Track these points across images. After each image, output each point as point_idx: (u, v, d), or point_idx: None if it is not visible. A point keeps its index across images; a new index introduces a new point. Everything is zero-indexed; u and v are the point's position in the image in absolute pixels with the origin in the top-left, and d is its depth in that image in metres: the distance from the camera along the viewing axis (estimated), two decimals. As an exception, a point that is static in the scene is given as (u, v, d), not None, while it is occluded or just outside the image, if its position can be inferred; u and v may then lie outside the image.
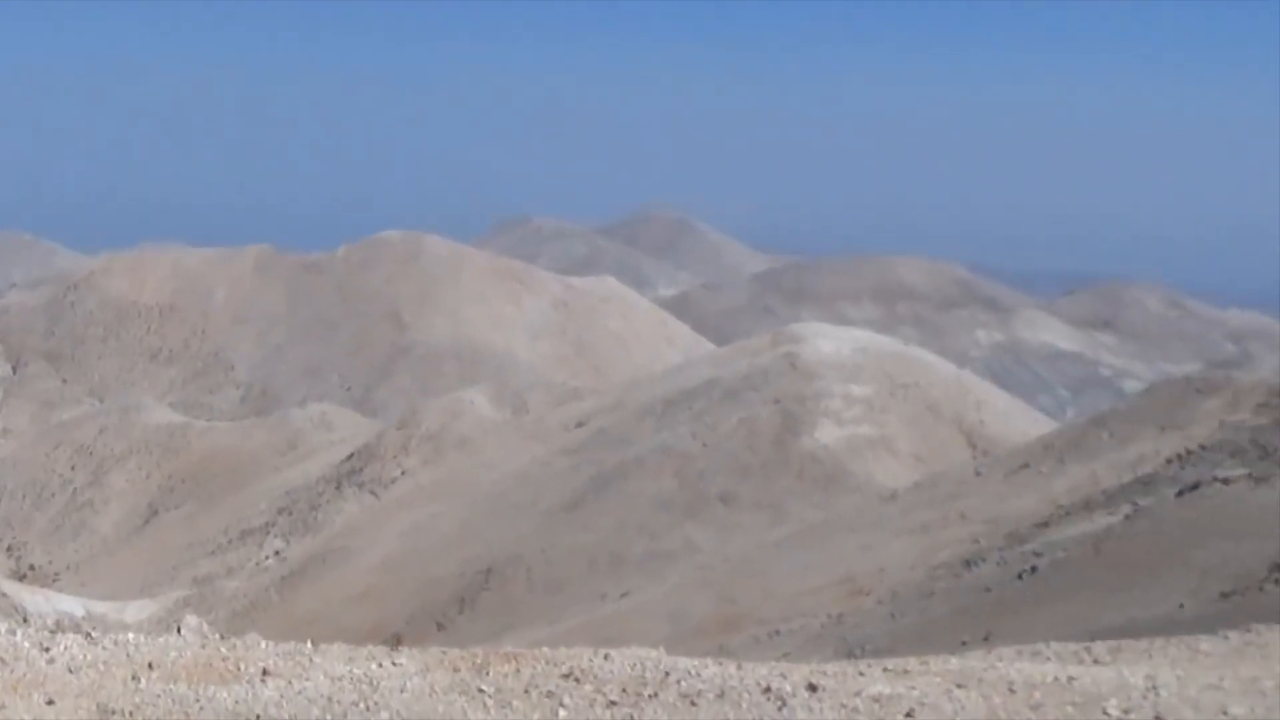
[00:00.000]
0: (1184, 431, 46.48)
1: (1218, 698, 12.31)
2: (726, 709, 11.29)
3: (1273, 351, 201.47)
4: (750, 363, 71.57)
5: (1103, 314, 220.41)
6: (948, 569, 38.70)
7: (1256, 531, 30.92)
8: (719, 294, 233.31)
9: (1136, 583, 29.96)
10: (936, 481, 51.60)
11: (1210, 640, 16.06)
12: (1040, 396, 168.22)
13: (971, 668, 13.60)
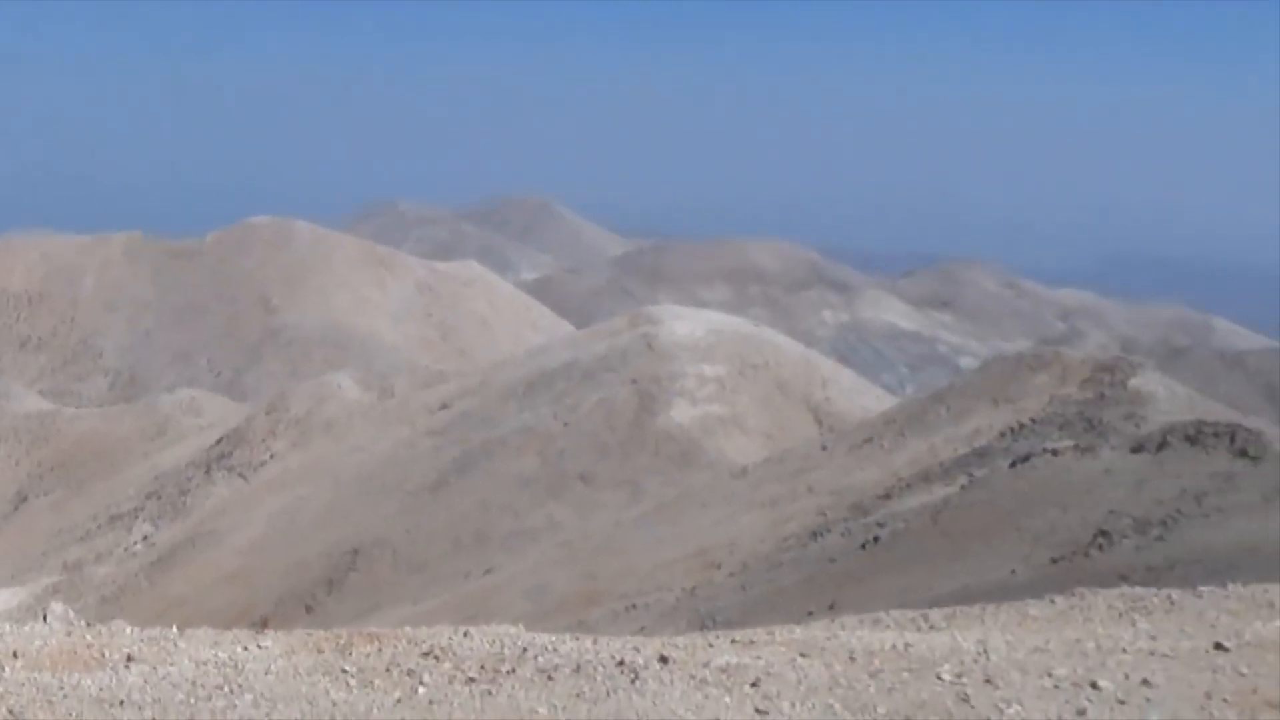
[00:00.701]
0: (1016, 405, 47.31)
1: (1043, 659, 12.61)
2: (581, 683, 11.40)
3: (1099, 329, 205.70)
4: (609, 344, 71.70)
5: (941, 294, 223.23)
6: (795, 541, 39.13)
7: (1082, 500, 31.65)
8: (579, 277, 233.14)
9: (971, 551, 30.54)
10: (785, 457, 52.10)
11: (1038, 605, 16.41)
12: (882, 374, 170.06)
13: (815, 637, 13.80)
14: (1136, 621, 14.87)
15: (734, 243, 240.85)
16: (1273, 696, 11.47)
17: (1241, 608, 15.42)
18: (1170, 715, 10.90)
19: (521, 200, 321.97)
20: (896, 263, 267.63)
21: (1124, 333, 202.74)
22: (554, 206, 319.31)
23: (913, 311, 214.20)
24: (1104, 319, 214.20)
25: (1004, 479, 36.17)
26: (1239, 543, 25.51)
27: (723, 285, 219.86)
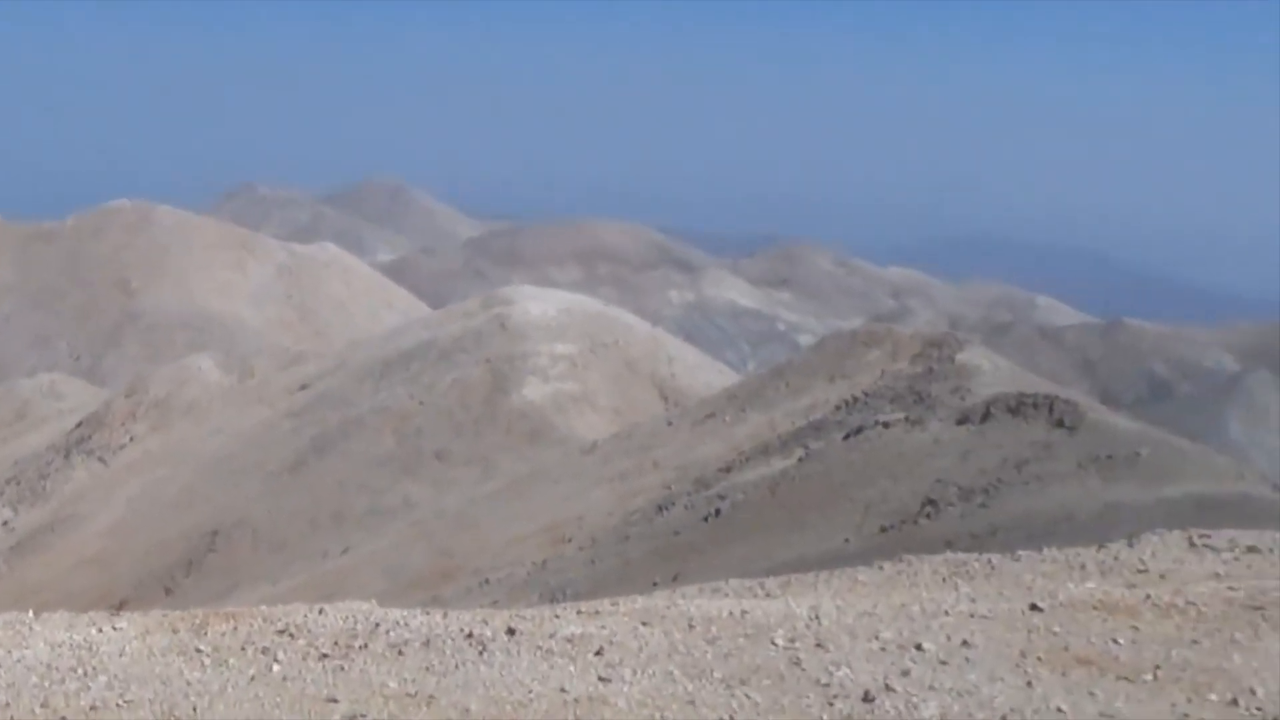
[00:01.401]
0: (851, 380, 47.89)
1: (871, 623, 12.84)
2: (431, 656, 11.42)
3: (927, 306, 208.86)
4: (463, 325, 71.37)
5: (780, 273, 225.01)
6: (642, 514, 39.33)
7: (912, 470, 32.23)
8: (434, 259, 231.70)
9: (808, 521, 30.95)
10: (632, 433, 52.31)
11: (868, 571, 16.68)
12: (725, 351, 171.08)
13: (656, 606, 13.92)
14: (959, 586, 15.19)
15: (584, 224, 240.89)
16: (1083, 654, 11.80)
17: (1056, 570, 15.83)
18: (988, 674, 11.16)
19: (378, 184, 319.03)
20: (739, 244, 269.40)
21: (951, 310, 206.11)
22: (410, 190, 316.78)
23: (754, 290, 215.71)
24: (932, 297, 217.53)
25: (838, 451, 36.66)
26: (1056, 509, 26.17)
27: (574, 266, 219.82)
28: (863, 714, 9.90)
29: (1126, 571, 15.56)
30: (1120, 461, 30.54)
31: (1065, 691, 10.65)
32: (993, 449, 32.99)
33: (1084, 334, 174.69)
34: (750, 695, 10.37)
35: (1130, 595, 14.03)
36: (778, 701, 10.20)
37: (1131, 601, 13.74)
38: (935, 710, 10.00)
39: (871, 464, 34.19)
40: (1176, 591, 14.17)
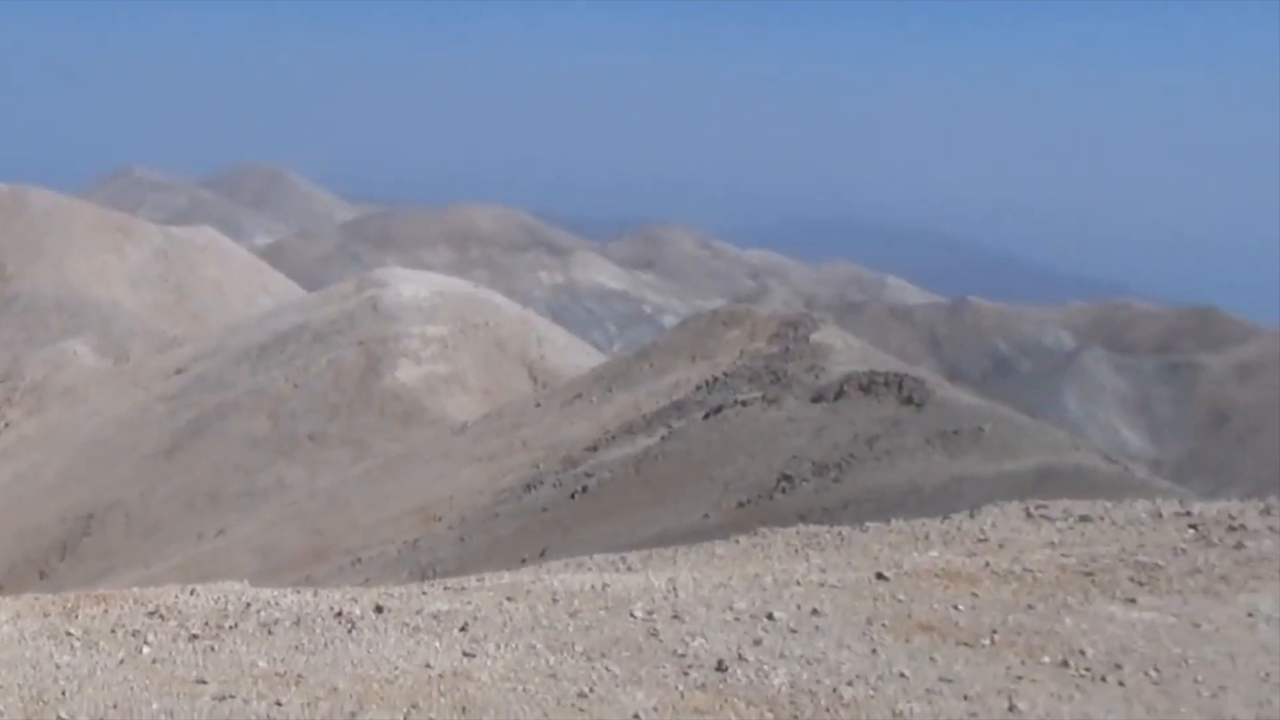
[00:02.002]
0: (712, 361, 48.19)
1: (726, 594, 12.97)
2: (301, 634, 11.35)
3: (784, 286, 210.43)
4: (338, 308, 70.75)
5: (646, 255, 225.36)
6: (511, 493, 39.31)
7: (768, 447, 32.56)
8: (310, 242, 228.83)
9: (670, 497, 31.14)
10: (502, 413, 52.23)
11: (724, 545, 16.81)
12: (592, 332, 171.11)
13: (521, 581, 13.95)
14: (810, 557, 15.38)
15: (456, 208, 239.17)
16: (925, 620, 12.05)
17: (901, 541, 16.09)
18: (836, 641, 11.34)
19: (256, 168, 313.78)
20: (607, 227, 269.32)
21: (806, 290, 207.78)
22: (286, 174, 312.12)
23: (620, 272, 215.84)
24: (789, 277, 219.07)
25: (699, 430, 36.90)
26: (904, 482, 26.59)
27: (446, 249, 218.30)
28: (716, 682, 10.03)
29: (968, 541, 15.85)
30: (965, 436, 31.12)
31: (908, 657, 10.86)
32: (845, 426, 33.43)
33: (932, 313, 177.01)
34: (609, 667, 10.46)
35: (970, 564, 14.33)
36: (635, 673, 10.30)
37: (972, 569, 14.03)
38: (784, 677, 10.16)
39: (730, 442, 34.48)
40: (1014, 559, 14.50)
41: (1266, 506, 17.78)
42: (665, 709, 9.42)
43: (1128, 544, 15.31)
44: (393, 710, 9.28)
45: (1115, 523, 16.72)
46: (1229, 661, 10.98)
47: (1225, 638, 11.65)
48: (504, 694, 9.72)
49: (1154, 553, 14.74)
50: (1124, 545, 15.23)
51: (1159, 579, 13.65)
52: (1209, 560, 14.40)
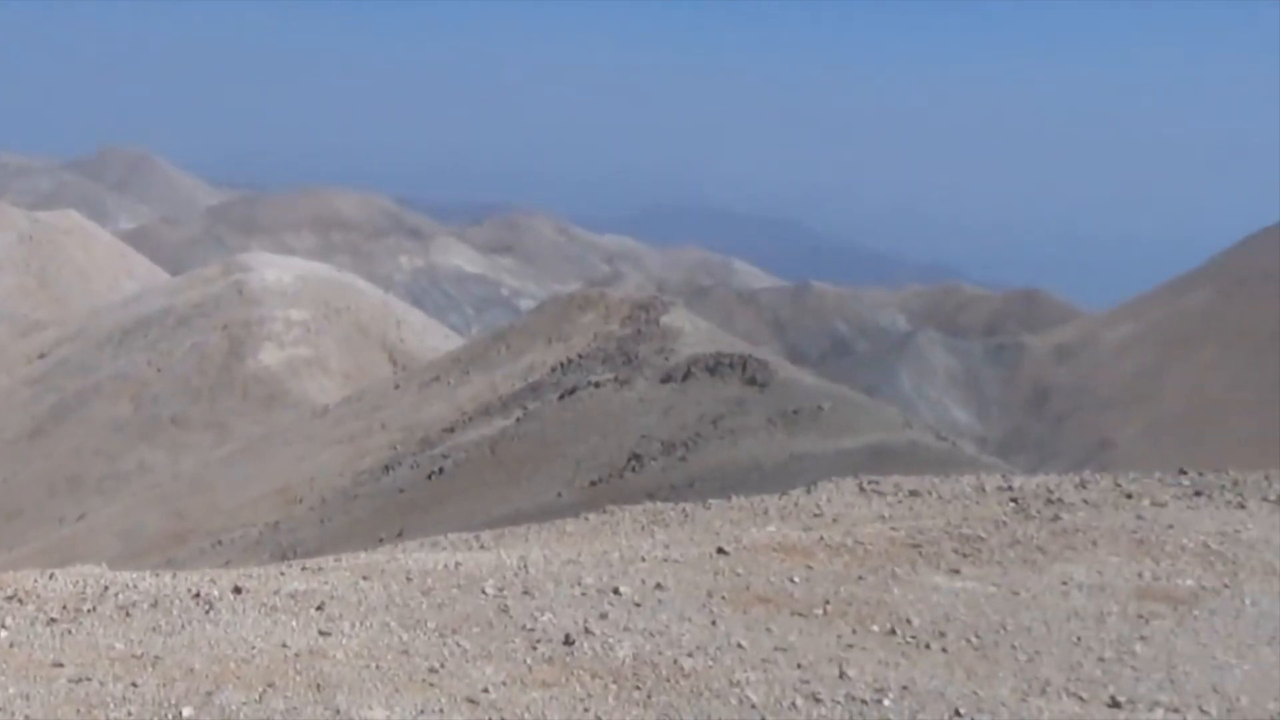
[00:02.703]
0: (566, 343, 48.22)
1: (575, 570, 12.99)
2: (159, 616, 11.15)
3: (637, 270, 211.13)
4: (202, 292, 69.60)
5: (504, 240, 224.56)
6: (370, 474, 39.01)
7: (619, 427, 32.66)
8: (175, 227, 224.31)
9: (524, 477, 31.11)
10: (362, 395, 51.80)
11: (575, 523, 16.84)
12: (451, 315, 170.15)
13: (377, 561, 13.84)
14: (655, 533, 15.47)
15: (321, 193, 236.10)
16: (762, 592, 12.19)
17: (742, 517, 16.26)
18: (678, 613, 11.43)
19: (121, 152, 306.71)
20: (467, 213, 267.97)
21: (658, 274, 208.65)
22: (152, 159, 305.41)
23: (479, 257, 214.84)
24: (641, 262, 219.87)
25: (553, 411, 36.94)
26: (747, 460, 26.82)
27: (310, 234, 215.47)
28: (563, 655, 10.07)
29: (804, 516, 16.06)
30: (805, 415, 31.50)
31: (745, 628, 10.97)
32: (692, 406, 33.66)
33: (776, 296, 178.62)
34: (460, 643, 10.44)
35: (806, 537, 14.51)
36: (485, 647, 10.29)
37: (807, 543, 14.21)
38: (629, 649, 10.22)
39: (583, 422, 34.56)
40: (847, 533, 14.72)
41: (1081, 480, 18.30)
42: (513, 682, 9.43)
43: (953, 517, 15.63)
44: (248, 689, 9.17)
45: (942, 497, 17.06)
46: (1044, 627, 11.25)
47: (1041, 605, 11.93)
48: (357, 671, 9.66)
49: (977, 525, 15.06)
50: (949, 518, 15.55)
51: (981, 550, 13.94)
52: (1028, 532, 14.75)
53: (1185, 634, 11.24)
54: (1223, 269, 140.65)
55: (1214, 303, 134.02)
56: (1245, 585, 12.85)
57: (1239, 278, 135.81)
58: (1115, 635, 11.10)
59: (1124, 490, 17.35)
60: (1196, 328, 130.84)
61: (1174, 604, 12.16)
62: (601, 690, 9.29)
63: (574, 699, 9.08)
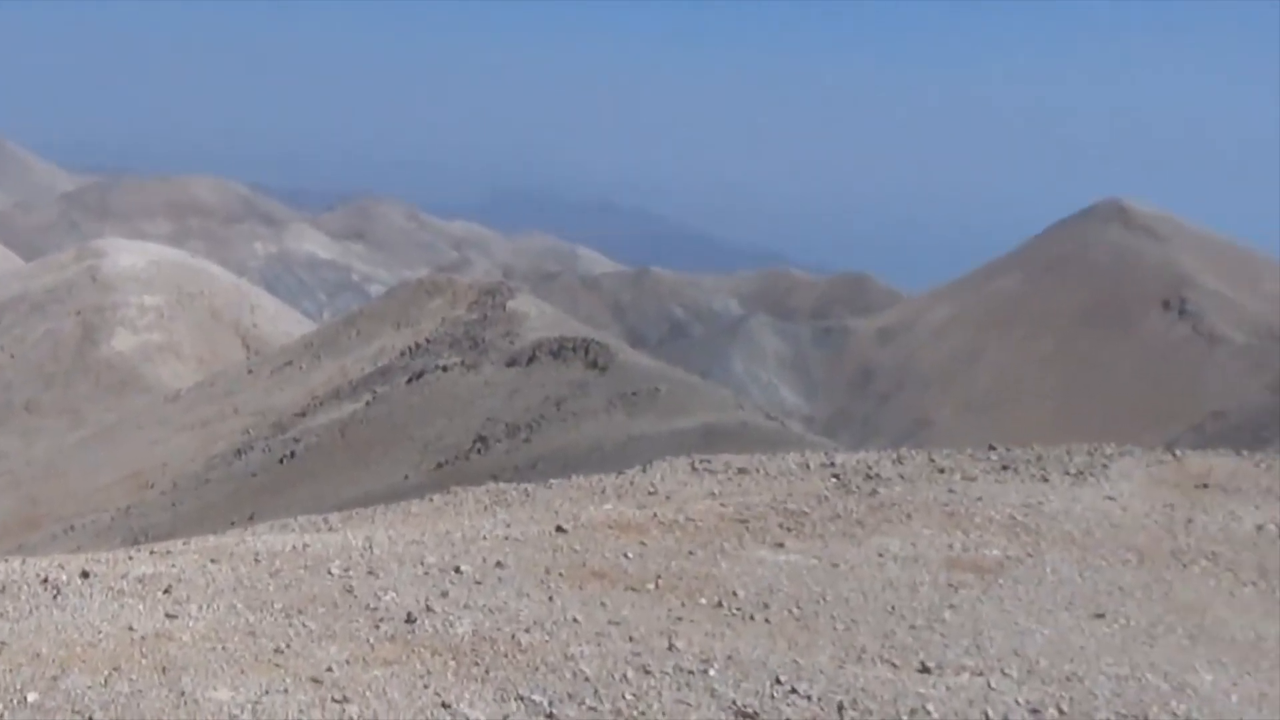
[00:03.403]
0: (415, 328, 47.85)
1: (418, 550, 12.87)
2: (6, 602, 10.82)
3: (484, 257, 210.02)
4: (56, 277, 67.63)
5: (356, 227, 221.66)
6: (222, 459, 38.32)
7: (466, 410, 32.49)
8: (29, 212, 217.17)
9: (373, 460, 30.80)
10: (215, 380, 50.84)
11: (420, 504, 16.68)
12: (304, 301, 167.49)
13: (226, 544, 13.60)
14: (497, 513, 15.42)
15: (176, 179, 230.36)
16: (598, 568, 12.22)
17: (580, 496, 16.27)
18: (517, 590, 11.42)
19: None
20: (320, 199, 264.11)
21: (505, 260, 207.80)
22: (6, 143, 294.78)
23: (331, 243, 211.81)
24: (489, 248, 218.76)
25: (401, 394, 36.65)
26: (588, 441, 26.89)
27: (165, 220, 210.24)
28: (405, 634, 10.00)
29: (639, 494, 16.13)
30: (643, 397, 31.66)
31: (581, 603, 11.00)
32: (536, 389, 33.64)
33: (617, 281, 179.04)
34: (305, 623, 10.30)
35: (640, 515, 14.58)
36: (330, 627, 10.18)
37: (641, 520, 14.29)
38: (468, 626, 10.19)
39: (431, 405, 34.33)
40: (679, 510, 14.82)
41: (898, 456, 18.63)
42: (356, 661, 9.34)
43: (779, 493, 15.83)
44: (94, 673, 8.96)
45: (769, 474, 17.25)
46: (861, 597, 11.45)
47: (858, 576, 12.14)
48: (204, 653, 9.48)
49: (801, 501, 15.27)
50: (775, 494, 15.73)
51: (804, 524, 14.14)
52: (848, 506, 15.00)
53: (990, 601, 11.52)
54: (1032, 255, 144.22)
55: (1023, 287, 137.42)
56: (1046, 554, 13.20)
57: (1047, 263, 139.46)
58: (926, 604, 11.34)
59: (937, 465, 17.67)
60: (1007, 311, 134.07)
61: (981, 573, 12.45)
62: (441, 666, 9.25)
63: (415, 675, 9.02)
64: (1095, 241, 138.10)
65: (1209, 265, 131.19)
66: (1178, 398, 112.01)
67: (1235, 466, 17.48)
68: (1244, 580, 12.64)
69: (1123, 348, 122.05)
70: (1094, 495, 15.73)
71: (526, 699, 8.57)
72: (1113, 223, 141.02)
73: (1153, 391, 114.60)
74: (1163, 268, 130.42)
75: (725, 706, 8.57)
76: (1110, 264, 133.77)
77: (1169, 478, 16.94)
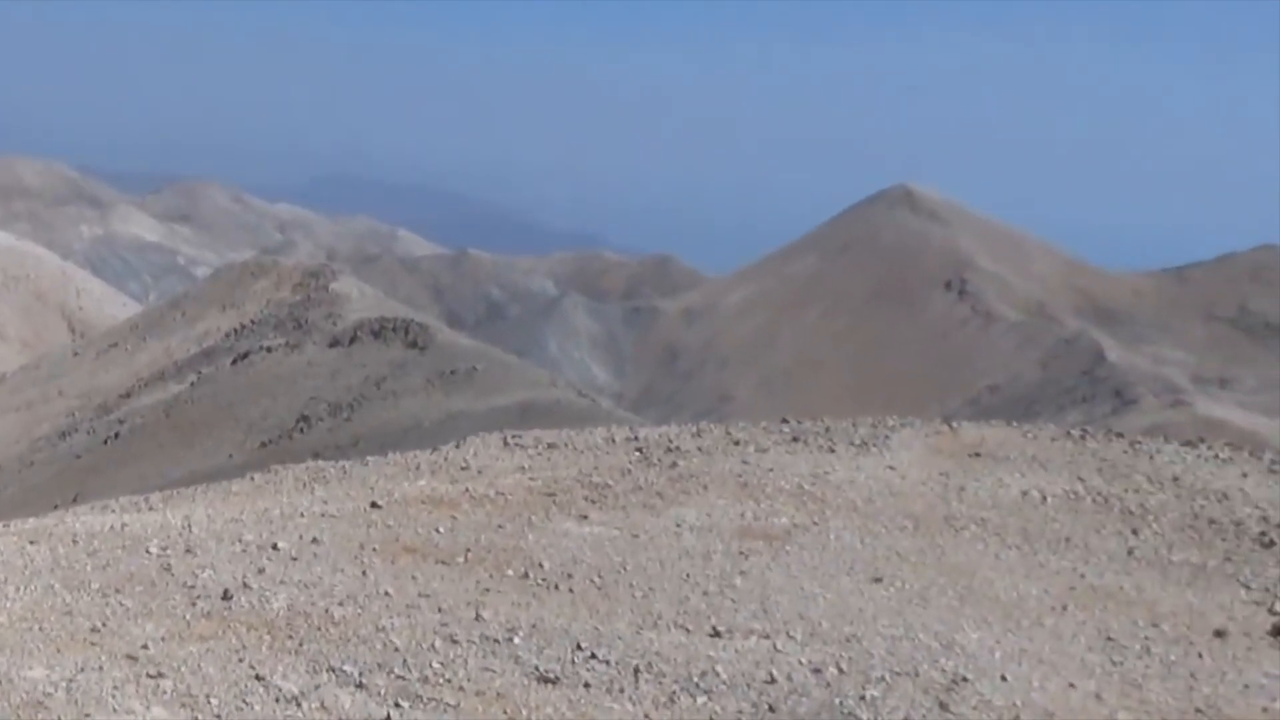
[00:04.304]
0: (240, 309, 46.84)
1: (236, 528, 12.62)
2: None
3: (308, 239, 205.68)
4: None
5: (182, 209, 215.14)
6: (47, 441, 37.03)
7: (289, 390, 31.91)
8: None
9: (198, 440, 30.07)
10: (40, 363, 49.06)
11: (240, 482, 16.34)
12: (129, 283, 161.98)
13: (45, 525, 13.18)
14: (315, 490, 15.17)
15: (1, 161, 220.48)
16: (410, 543, 12.13)
17: (396, 472, 16.09)
18: (331, 566, 11.28)
19: None
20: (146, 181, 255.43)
21: (328, 242, 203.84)
22: None
23: (157, 225, 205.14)
24: (313, 230, 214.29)
25: (226, 375, 35.85)
26: (407, 419, 26.66)
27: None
28: (221, 610, 9.82)
29: (453, 470, 16.02)
30: (461, 376, 31.48)
31: (393, 577, 10.92)
32: (358, 368, 33.21)
33: (437, 263, 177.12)
34: (123, 601, 10.05)
35: (453, 490, 14.50)
36: (147, 605, 9.94)
37: (453, 495, 14.21)
38: (284, 601, 10.05)
39: (255, 386, 33.66)
40: (490, 484, 14.77)
41: (698, 430, 18.82)
42: (172, 637, 9.15)
43: (585, 467, 15.87)
44: (-93, 656, 8.62)
45: (576, 449, 17.27)
46: (658, 566, 11.55)
47: (657, 546, 12.23)
48: (20, 634, 9.20)
49: (606, 474, 15.34)
50: (581, 468, 15.78)
51: (608, 496, 14.21)
52: (649, 478, 15.09)
53: (778, 568, 11.71)
54: (826, 238, 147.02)
55: (818, 269, 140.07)
56: (831, 522, 13.42)
57: (840, 246, 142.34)
58: (718, 571, 11.49)
59: (733, 438, 17.84)
60: (803, 292, 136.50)
61: (770, 540, 12.64)
62: (256, 641, 9.12)
63: (230, 650, 8.87)
64: (884, 225, 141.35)
65: (987, 248, 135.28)
66: (958, 372, 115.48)
67: (1005, 436, 17.92)
68: (1009, 544, 13.00)
69: (909, 326, 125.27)
70: (876, 465, 16.00)
71: (338, 670, 8.49)
72: (900, 207, 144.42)
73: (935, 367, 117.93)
74: (945, 250, 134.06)
75: (528, 672, 8.62)
76: (897, 247, 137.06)
77: (945, 448, 17.27)
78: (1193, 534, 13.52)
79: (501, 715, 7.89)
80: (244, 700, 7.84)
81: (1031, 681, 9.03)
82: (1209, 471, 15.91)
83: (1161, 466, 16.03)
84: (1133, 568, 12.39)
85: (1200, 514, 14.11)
